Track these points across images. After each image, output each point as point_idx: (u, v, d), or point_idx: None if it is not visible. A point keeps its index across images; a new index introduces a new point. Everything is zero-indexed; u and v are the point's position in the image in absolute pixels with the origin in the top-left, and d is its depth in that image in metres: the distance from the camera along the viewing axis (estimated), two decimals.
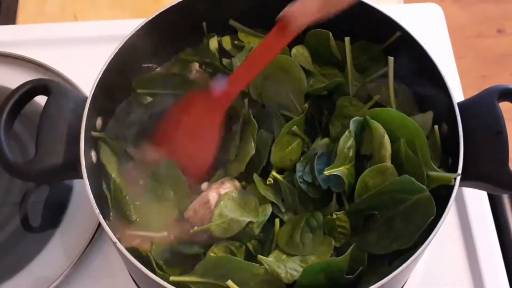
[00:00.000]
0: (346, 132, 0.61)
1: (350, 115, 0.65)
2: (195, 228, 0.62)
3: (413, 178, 0.57)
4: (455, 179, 0.58)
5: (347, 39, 0.68)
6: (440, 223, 0.56)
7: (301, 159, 0.64)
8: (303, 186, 0.63)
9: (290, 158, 0.65)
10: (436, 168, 0.59)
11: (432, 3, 0.95)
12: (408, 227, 0.57)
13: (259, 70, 0.64)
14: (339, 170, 0.60)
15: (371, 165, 0.61)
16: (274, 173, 0.64)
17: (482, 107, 0.62)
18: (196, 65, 0.73)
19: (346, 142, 0.61)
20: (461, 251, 0.75)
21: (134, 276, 0.70)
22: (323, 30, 0.69)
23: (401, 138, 0.60)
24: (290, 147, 0.65)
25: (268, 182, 0.64)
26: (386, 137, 0.60)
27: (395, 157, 0.60)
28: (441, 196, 0.58)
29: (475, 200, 0.78)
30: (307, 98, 0.68)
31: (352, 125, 0.62)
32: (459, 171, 0.58)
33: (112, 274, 0.73)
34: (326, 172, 0.60)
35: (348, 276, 0.57)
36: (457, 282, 0.73)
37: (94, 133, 0.65)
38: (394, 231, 0.58)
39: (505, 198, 0.80)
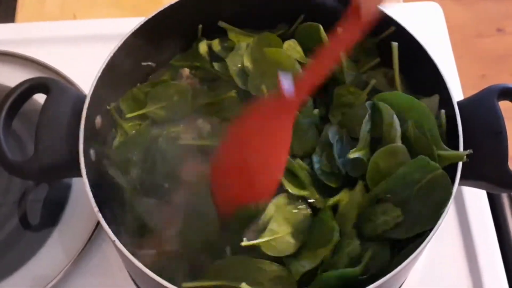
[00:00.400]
0: (366, 116, 0.61)
1: (349, 103, 0.65)
2: (245, 241, 0.57)
3: (427, 158, 0.57)
4: (467, 156, 0.57)
5: (395, 45, 0.67)
6: (439, 221, 0.56)
7: (316, 150, 0.64)
8: (322, 177, 0.62)
9: (310, 145, 0.65)
10: (446, 148, 0.59)
11: (431, 2, 0.95)
12: (425, 208, 0.57)
13: (332, 64, 0.60)
14: (361, 152, 0.60)
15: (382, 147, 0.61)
16: (299, 160, 0.63)
17: (481, 106, 0.62)
18: (186, 71, 0.72)
19: (366, 125, 0.61)
20: (460, 249, 0.75)
21: (133, 275, 0.70)
22: (313, 23, 0.69)
23: (410, 120, 0.60)
24: (308, 135, 0.65)
25: (291, 166, 0.62)
26: (396, 118, 0.60)
27: (404, 140, 0.60)
28: None
29: (474, 199, 0.78)
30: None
31: (368, 109, 0.62)
32: (458, 171, 0.58)
33: (110, 273, 0.73)
34: (351, 155, 0.60)
35: (361, 277, 0.57)
36: (456, 281, 0.73)
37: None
38: (411, 214, 0.58)
39: (504, 197, 0.80)
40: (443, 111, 0.63)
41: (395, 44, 0.66)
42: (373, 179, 0.60)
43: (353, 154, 0.60)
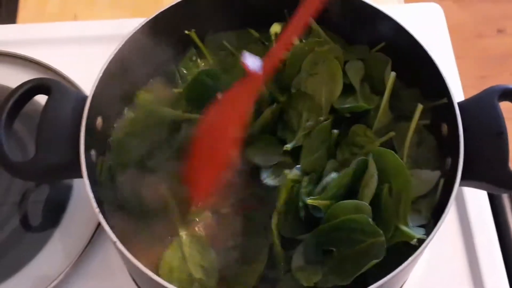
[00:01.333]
0: (346, 170, 0.60)
1: (360, 145, 0.65)
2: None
3: (369, 219, 0.57)
4: (419, 241, 0.56)
5: (393, 74, 0.66)
6: (440, 223, 0.56)
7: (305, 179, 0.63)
8: (300, 206, 0.61)
9: (318, 163, 0.64)
10: (408, 224, 0.58)
11: (432, 2, 0.95)
12: (354, 267, 0.57)
13: (293, 38, 0.60)
14: (321, 203, 0.59)
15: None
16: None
17: (482, 107, 0.62)
18: None
19: (342, 179, 0.60)
20: (461, 250, 0.75)
21: (134, 276, 0.70)
22: (385, 56, 0.68)
23: (391, 184, 0.59)
24: (318, 153, 0.64)
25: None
26: (375, 178, 0.59)
27: (378, 200, 0.59)
28: None
29: (475, 200, 0.78)
30: (334, 111, 0.67)
31: (354, 164, 0.61)
32: (459, 172, 0.58)
33: (111, 274, 0.73)
34: (309, 201, 0.59)
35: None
36: (457, 282, 0.73)
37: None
38: (342, 269, 0.58)
39: (505, 197, 0.80)
40: (443, 179, 0.62)
41: (420, 106, 0.64)
42: (324, 229, 0.59)
43: (311, 201, 0.59)
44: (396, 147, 0.65)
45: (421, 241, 0.56)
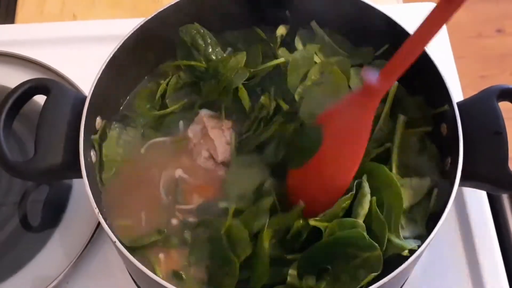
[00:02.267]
0: (348, 195, 0.60)
1: None
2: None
3: (364, 233, 0.57)
4: (409, 251, 0.56)
5: (395, 83, 0.66)
6: (439, 223, 0.56)
7: None
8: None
9: None
10: (400, 236, 0.59)
11: (431, 2, 0.95)
12: (352, 282, 0.57)
13: (419, 52, 0.56)
14: (322, 225, 0.59)
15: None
16: None
17: (481, 107, 0.62)
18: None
19: (342, 203, 0.60)
20: (461, 250, 0.75)
21: (134, 275, 0.70)
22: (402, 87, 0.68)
23: (383, 198, 0.59)
24: None
25: None
26: (368, 198, 0.59)
27: (370, 215, 0.60)
28: None
29: (475, 200, 0.78)
30: None
31: (354, 187, 0.60)
32: (458, 172, 0.58)
33: (111, 274, 0.73)
34: (311, 223, 0.59)
35: None
36: (457, 282, 0.73)
37: None
38: (338, 284, 0.58)
39: (505, 198, 0.80)
40: (436, 189, 0.62)
41: (401, 118, 0.65)
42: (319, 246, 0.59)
43: (313, 223, 0.59)
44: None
45: (413, 251, 0.56)
